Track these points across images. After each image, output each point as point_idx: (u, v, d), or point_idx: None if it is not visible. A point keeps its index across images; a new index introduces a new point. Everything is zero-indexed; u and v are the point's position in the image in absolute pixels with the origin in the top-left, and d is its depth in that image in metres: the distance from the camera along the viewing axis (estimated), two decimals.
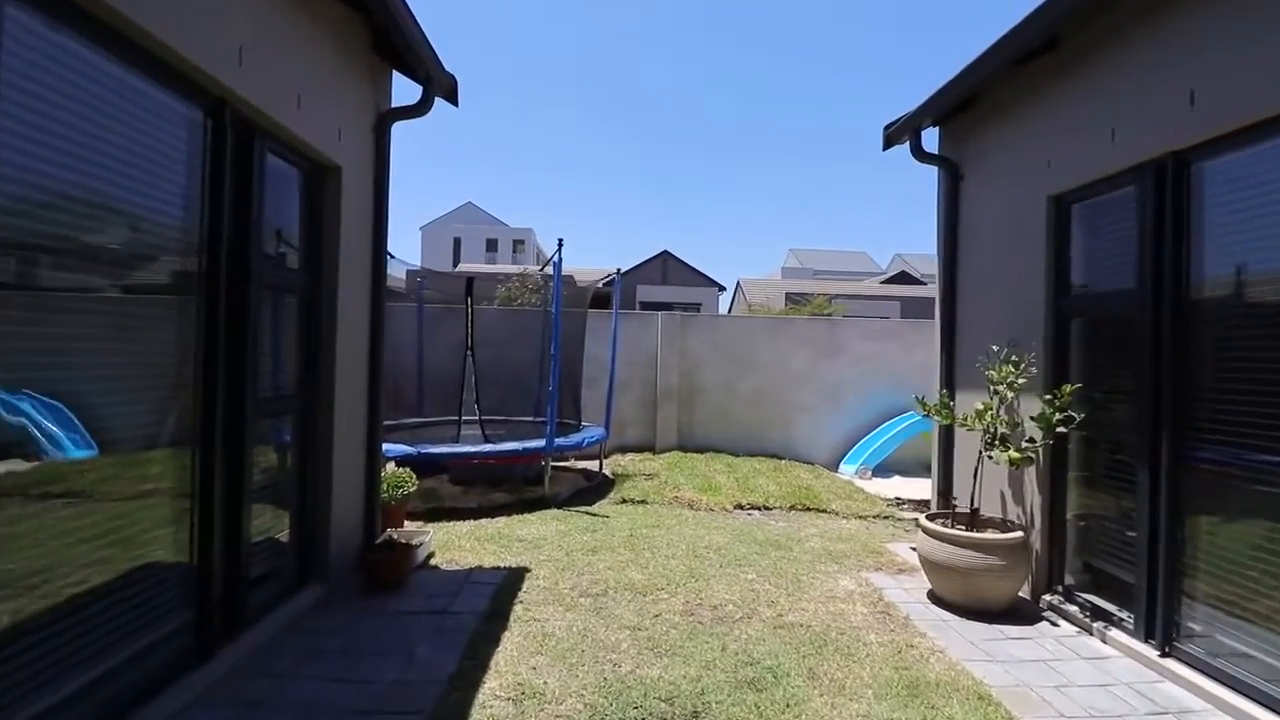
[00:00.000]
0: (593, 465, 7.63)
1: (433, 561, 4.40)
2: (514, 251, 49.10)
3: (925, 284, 35.43)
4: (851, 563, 4.62)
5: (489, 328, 8.24)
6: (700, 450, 8.80)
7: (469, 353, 6.46)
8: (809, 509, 6.16)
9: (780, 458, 8.77)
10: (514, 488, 6.53)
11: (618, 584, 4.03)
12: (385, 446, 5.53)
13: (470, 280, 6.50)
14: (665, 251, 30.75)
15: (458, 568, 4.30)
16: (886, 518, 6.03)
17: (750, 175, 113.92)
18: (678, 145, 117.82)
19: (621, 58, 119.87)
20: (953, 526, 4.03)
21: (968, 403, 4.40)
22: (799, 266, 43.81)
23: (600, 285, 7.78)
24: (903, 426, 8.57)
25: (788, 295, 26.83)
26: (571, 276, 7.48)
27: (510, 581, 4.02)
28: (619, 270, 7.28)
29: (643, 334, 9.15)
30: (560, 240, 5.86)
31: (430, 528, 5.08)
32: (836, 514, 6.06)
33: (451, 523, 5.32)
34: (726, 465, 7.89)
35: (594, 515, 5.61)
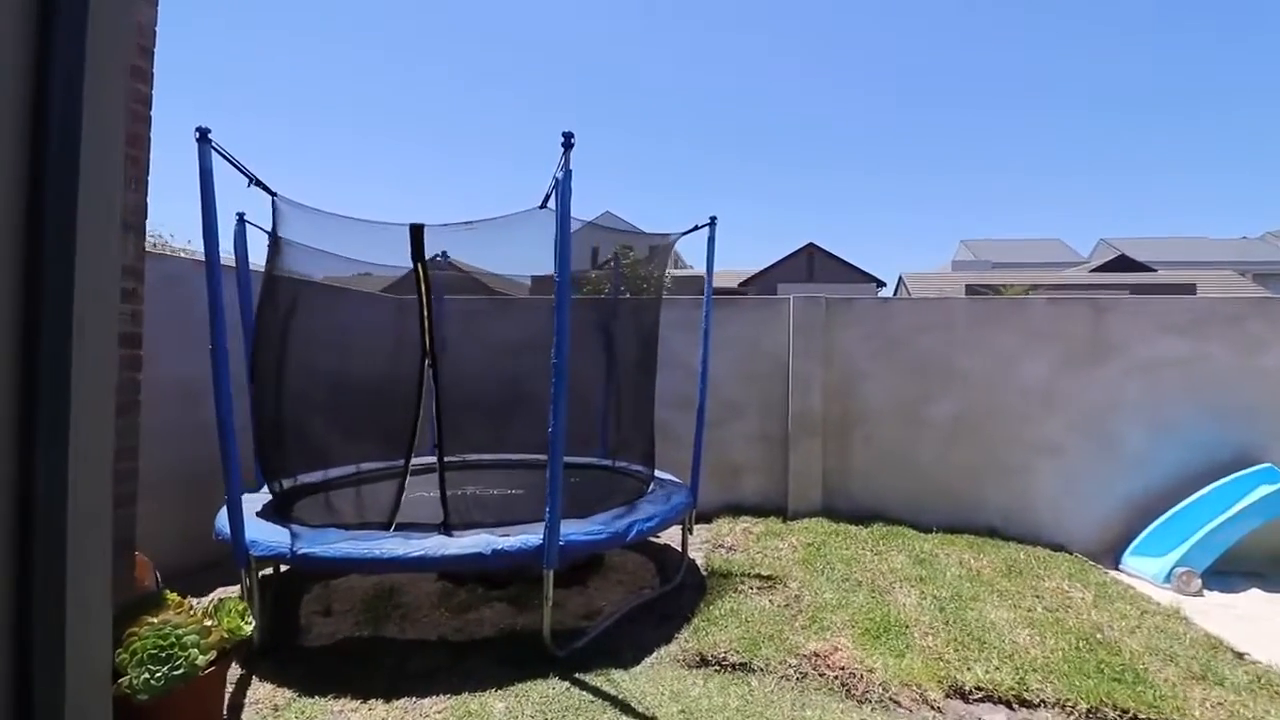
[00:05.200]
0: (674, 534, 4.67)
1: None
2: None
3: (1155, 270, 27.28)
4: None
5: (515, 327, 5.61)
6: (863, 519, 5.42)
7: (427, 362, 3.77)
8: None
9: (1005, 537, 5.15)
10: (523, 594, 3.75)
11: None
12: (253, 535, 3.01)
13: (418, 230, 3.62)
14: (811, 244, 26.73)
15: None
16: None
17: (909, 172, 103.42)
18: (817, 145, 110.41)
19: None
20: None
21: None
22: (972, 259, 36.80)
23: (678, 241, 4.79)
24: (1260, 495, 4.58)
25: (968, 288, 21.56)
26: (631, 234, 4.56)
27: None
28: (713, 219, 4.26)
29: (763, 331, 6.00)
30: (568, 135, 2.92)
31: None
32: None
33: (343, 706, 2.63)
34: (913, 559, 4.48)
35: (632, 714, 2.62)
